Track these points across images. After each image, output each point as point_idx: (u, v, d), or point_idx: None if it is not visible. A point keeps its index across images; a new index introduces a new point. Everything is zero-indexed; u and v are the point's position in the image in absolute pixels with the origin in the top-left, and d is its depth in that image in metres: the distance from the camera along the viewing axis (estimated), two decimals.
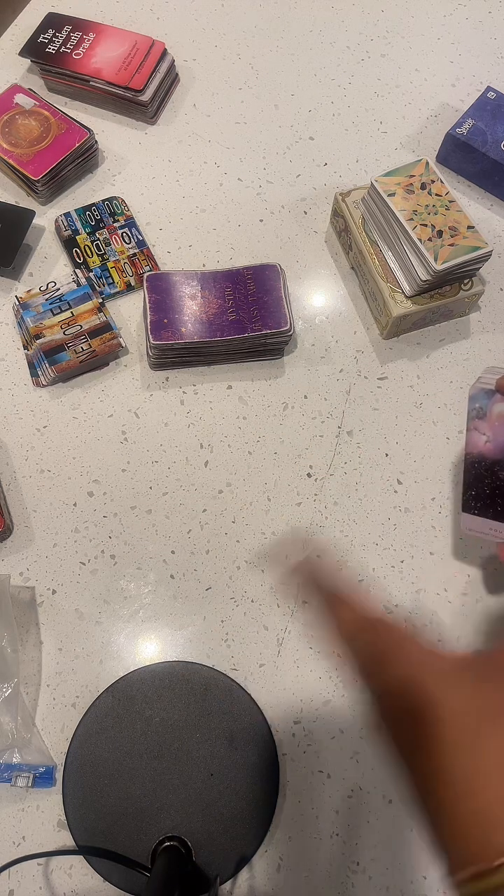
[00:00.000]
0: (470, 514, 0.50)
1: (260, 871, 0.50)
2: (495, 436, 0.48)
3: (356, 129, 0.78)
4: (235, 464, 0.62)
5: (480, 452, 0.48)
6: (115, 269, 0.69)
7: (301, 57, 0.82)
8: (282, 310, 0.63)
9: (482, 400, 0.48)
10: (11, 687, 0.52)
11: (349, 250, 0.69)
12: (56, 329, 0.64)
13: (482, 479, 0.49)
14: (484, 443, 0.48)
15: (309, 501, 0.61)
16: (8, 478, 0.61)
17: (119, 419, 0.64)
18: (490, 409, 0.48)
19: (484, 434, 0.48)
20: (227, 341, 0.63)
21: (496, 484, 0.48)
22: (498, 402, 0.48)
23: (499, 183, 0.73)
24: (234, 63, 0.82)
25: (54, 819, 0.51)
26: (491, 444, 0.48)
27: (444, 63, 0.82)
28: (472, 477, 0.49)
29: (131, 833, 0.50)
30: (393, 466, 0.63)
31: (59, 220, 0.71)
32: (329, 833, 0.51)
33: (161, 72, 0.76)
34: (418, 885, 0.50)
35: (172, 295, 0.64)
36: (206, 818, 0.50)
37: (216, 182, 0.75)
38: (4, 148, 0.71)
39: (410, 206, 0.62)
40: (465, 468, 0.50)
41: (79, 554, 0.59)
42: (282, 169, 0.75)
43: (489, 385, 0.48)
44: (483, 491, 0.49)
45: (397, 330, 0.66)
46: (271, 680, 0.55)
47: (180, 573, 0.59)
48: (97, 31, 0.78)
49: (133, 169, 0.75)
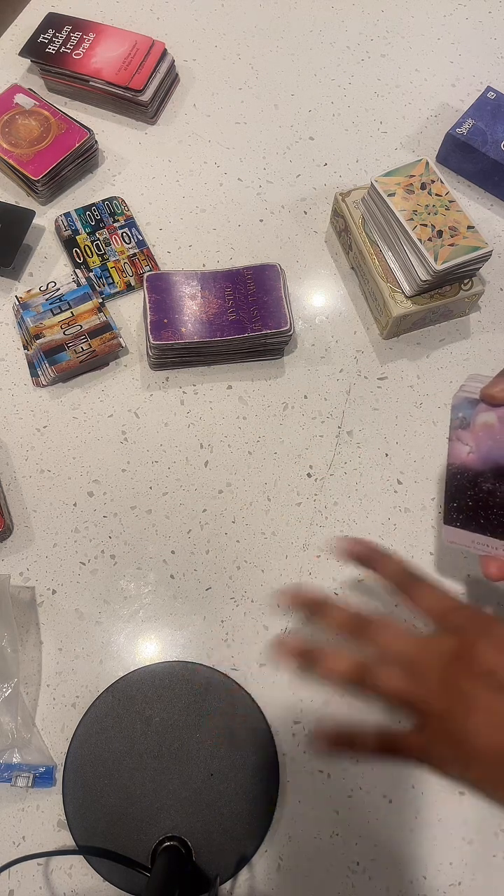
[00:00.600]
0: (452, 527, 0.48)
1: (260, 871, 0.50)
2: (479, 447, 0.46)
3: (356, 129, 0.78)
4: (235, 464, 0.62)
5: (463, 463, 0.47)
6: (115, 269, 0.69)
7: (301, 57, 0.82)
8: (282, 310, 0.63)
9: (465, 409, 0.47)
10: (11, 687, 0.52)
11: (349, 250, 0.69)
12: (56, 329, 0.64)
13: (464, 491, 0.47)
14: (467, 454, 0.47)
15: (309, 501, 0.61)
16: (8, 478, 0.61)
17: (119, 419, 0.64)
18: (474, 420, 0.47)
19: (467, 444, 0.47)
20: (227, 341, 0.63)
21: (479, 496, 0.47)
22: (482, 412, 0.46)
23: (499, 183, 0.73)
24: (234, 63, 0.82)
25: (54, 819, 0.51)
26: (474, 455, 0.47)
27: (444, 63, 0.82)
28: (453, 488, 0.48)
29: (131, 833, 0.50)
30: (393, 466, 0.63)
31: (59, 220, 0.71)
32: (329, 833, 0.51)
33: (161, 72, 0.76)
34: (418, 885, 0.50)
35: (172, 295, 0.64)
36: (206, 818, 0.50)
37: (216, 182, 0.75)
38: (4, 148, 0.71)
39: (410, 206, 0.62)
40: (447, 479, 0.48)
41: (79, 554, 0.59)
42: (282, 169, 0.76)
43: (473, 394, 0.47)
44: (465, 503, 0.47)
45: (397, 330, 0.66)
46: (271, 680, 0.55)
47: (180, 573, 0.59)
48: (97, 31, 0.78)
49: (133, 169, 0.75)
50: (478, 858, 0.51)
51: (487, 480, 0.46)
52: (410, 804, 0.52)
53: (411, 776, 0.53)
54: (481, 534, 0.47)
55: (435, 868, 0.51)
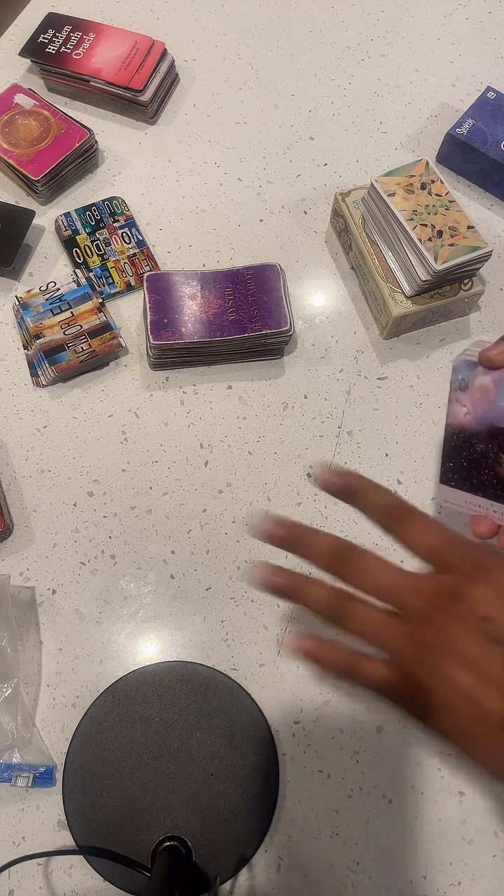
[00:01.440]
0: (447, 486, 0.49)
1: (260, 871, 0.50)
2: (475, 408, 0.47)
3: (356, 129, 0.78)
4: (235, 464, 0.62)
5: (460, 424, 0.48)
6: (115, 269, 0.69)
7: (301, 57, 0.82)
8: (282, 310, 0.63)
9: (465, 372, 0.48)
10: (11, 687, 0.52)
11: (349, 250, 0.69)
12: (56, 329, 0.64)
13: (460, 452, 0.48)
14: (464, 415, 0.48)
15: (309, 501, 0.61)
16: (8, 478, 0.61)
17: (119, 419, 0.64)
18: (472, 382, 0.48)
19: (464, 406, 0.48)
20: (227, 341, 0.63)
21: (472, 457, 0.47)
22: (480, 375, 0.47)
23: (499, 183, 0.73)
24: (234, 63, 0.82)
25: (54, 819, 0.51)
26: (470, 417, 0.48)
27: (444, 63, 0.82)
28: (450, 449, 0.49)
29: (131, 833, 0.50)
30: (393, 466, 0.63)
31: (59, 220, 0.71)
32: (329, 833, 0.51)
33: (161, 72, 0.76)
34: (418, 885, 0.50)
35: (172, 295, 0.64)
36: (206, 818, 0.50)
37: (216, 182, 0.75)
38: (4, 148, 0.71)
39: (410, 206, 0.62)
40: (445, 440, 0.49)
41: (79, 554, 0.59)
42: (282, 169, 0.75)
43: (472, 357, 0.48)
44: (460, 463, 0.48)
45: (397, 330, 0.66)
46: (271, 680, 0.55)
47: (180, 573, 0.59)
48: (97, 31, 0.78)
49: (133, 169, 0.75)
50: (477, 858, 0.51)
51: (481, 441, 0.47)
52: (410, 804, 0.52)
53: (411, 776, 0.53)
54: (473, 494, 0.48)
55: (435, 868, 0.51)
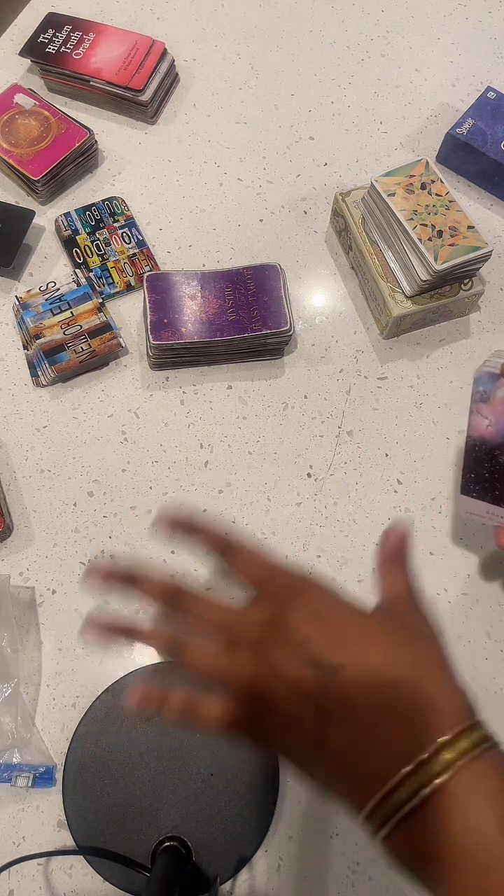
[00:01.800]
0: (468, 497, 0.50)
1: (260, 871, 0.50)
2: (497, 420, 0.48)
3: (356, 129, 0.78)
4: (235, 464, 0.62)
5: (482, 436, 0.49)
6: (115, 269, 0.69)
7: (301, 57, 0.82)
8: (282, 310, 0.63)
9: (486, 383, 0.49)
10: (11, 687, 0.52)
11: (349, 250, 0.69)
12: (56, 329, 0.64)
13: (482, 463, 0.49)
14: (486, 426, 0.48)
15: (309, 501, 0.61)
16: (8, 478, 0.61)
17: (119, 419, 0.64)
18: (494, 393, 0.48)
19: (486, 418, 0.49)
20: (227, 341, 0.63)
21: (495, 468, 0.48)
22: (502, 387, 0.48)
23: (499, 183, 0.73)
24: (234, 63, 0.82)
25: (54, 819, 0.51)
26: (493, 429, 0.48)
27: (444, 63, 0.82)
28: (472, 460, 0.50)
29: (131, 833, 0.50)
30: (393, 466, 0.63)
31: (59, 220, 0.71)
32: (329, 833, 0.51)
33: (161, 72, 0.76)
34: None
35: (172, 295, 0.64)
36: (206, 818, 0.50)
37: (216, 182, 0.75)
38: (4, 148, 0.71)
39: (410, 206, 0.62)
40: (466, 450, 0.50)
41: (79, 554, 0.59)
42: (282, 169, 0.75)
43: (494, 369, 0.48)
44: (482, 474, 0.49)
45: (397, 330, 0.66)
46: None
47: (180, 573, 0.59)
48: (97, 31, 0.78)
49: (133, 169, 0.75)
50: None
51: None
52: None
53: None
54: (496, 505, 0.49)
55: None
